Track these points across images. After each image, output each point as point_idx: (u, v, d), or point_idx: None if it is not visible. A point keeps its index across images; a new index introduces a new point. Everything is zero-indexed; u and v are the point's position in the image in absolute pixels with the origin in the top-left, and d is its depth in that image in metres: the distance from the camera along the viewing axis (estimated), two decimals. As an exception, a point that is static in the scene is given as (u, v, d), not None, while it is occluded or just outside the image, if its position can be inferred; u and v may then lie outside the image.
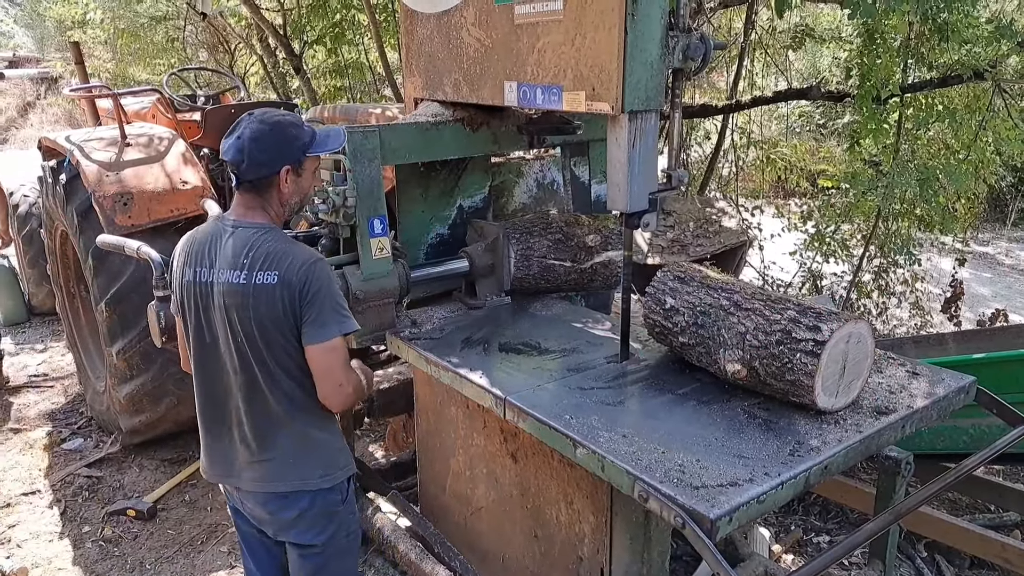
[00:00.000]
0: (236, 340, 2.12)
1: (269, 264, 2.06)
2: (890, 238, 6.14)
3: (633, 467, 1.92)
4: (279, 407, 2.17)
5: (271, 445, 2.20)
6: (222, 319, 2.12)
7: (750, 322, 2.21)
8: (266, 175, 2.11)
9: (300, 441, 2.21)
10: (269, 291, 2.05)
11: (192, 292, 2.16)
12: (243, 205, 2.16)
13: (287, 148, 2.12)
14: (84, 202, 4.06)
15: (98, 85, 6.22)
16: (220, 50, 10.73)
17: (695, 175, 8.60)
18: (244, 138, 2.07)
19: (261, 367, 2.13)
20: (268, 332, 2.09)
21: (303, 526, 2.26)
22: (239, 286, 2.06)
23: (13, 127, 16.24)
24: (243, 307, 2.07)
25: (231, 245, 2.10)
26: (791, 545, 3.69)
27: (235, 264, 2.08)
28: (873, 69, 5.28)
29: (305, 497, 2.23)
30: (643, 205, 2.32)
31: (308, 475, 2.22)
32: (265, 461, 2.21)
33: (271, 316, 2.07)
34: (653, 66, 2.20)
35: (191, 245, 2.20)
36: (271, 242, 2.10)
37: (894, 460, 2.61)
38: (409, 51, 3.12)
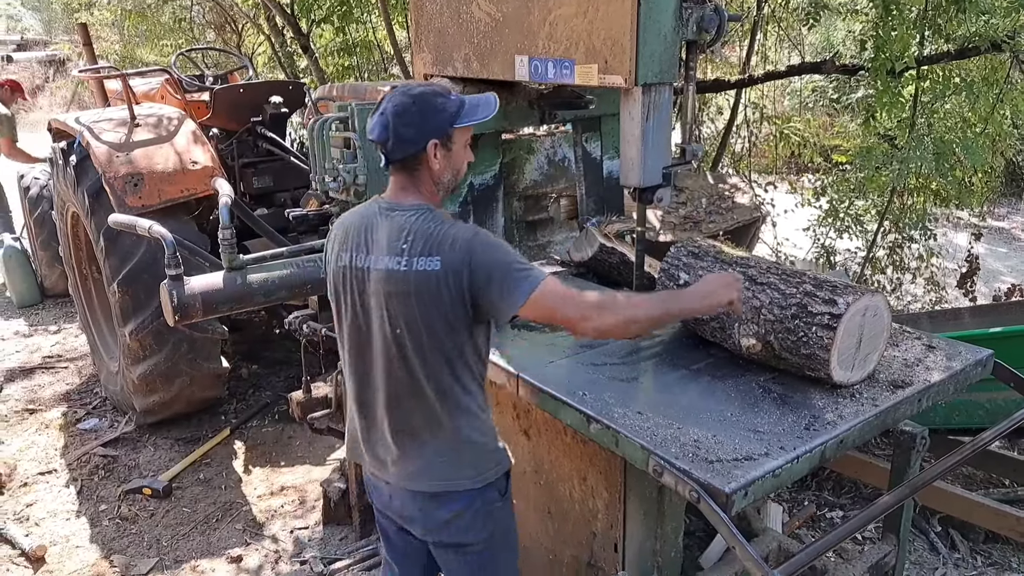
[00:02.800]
0: (394, 331, 1.96)
1: (429, 248, 1.90)
2: (905, 213, 6.07)
3: (648, 442, 1.92)
4: (434, 403, 2.01)
5: (422, 443, 2.05)
6: (378, 308, 1.97)
7: (765, 296, 2.20)
8: (413, 152, 1.95)
9: (452, 440, 2.04)
10: (431, 277, 1.89)
11: (347, 277, 2.02)
12: (396, 186, 2.02)
13: (433, 120, 1.94)
14: (95, 183, 4.06)
15: (107, 66, 6.21)
16: (227, 30, 10.67)
17: (707, 151, 8.52)
18: (387, 113, 1.92)
19: (419, 360, 1.97)
20: (431, 321, 1.93)
21: (460, 526, 2.10)
22: (398, 273, 1.91)
23: (22, 110, 16.23)
24: (403, 295, 1.92)
25: (387, 229, 1.96)
26: (804, 520, 3.68)
27: (393, 249, 1.93)
28: (888, 41, 5.19)
29: (460, 498, 2.07)
30: (657, 180, 2.30)
31: (458, 476, 2.06)
32: (415, 458, 2.06)
33: (435, 304, 1.91)
34: (667, 38, 2.17)
35: (346, 228, 2.06)
36: (428, 224, 1.93)
37: (909, 435, 2.59)
38: (418, 27, 3.09)
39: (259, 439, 4.58)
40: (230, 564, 3.53)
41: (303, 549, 3.61)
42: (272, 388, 5.13)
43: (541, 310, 1.90)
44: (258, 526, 3.80)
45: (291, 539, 3.69)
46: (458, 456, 2.05)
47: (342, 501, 3.65)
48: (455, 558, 2.17)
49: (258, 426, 4.72)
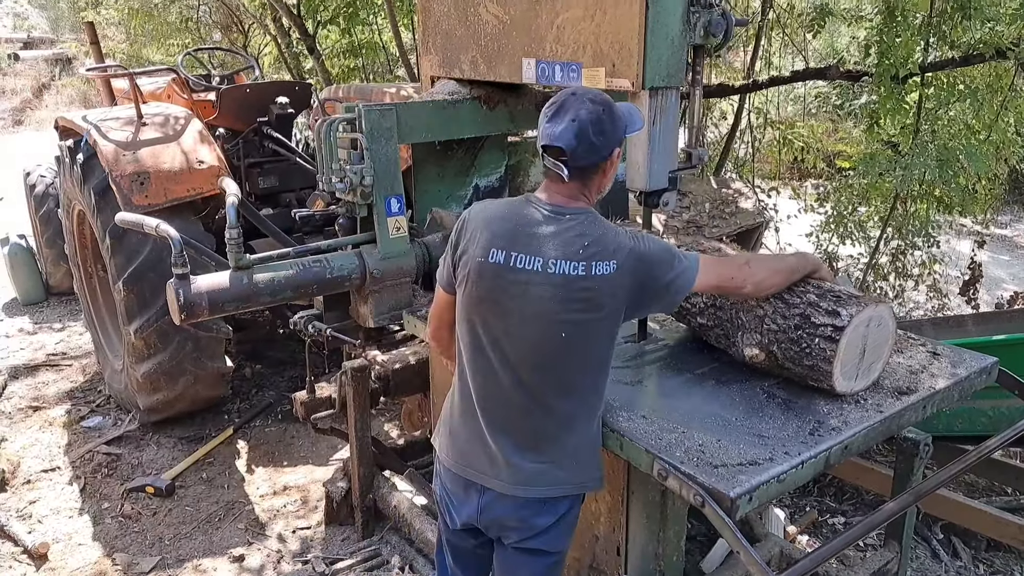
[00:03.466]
0: (558, 335, 1.91)
1: (605, 253, 1.88)
2: (908, 220, 6.08)
3: (652, 446, 1.92)
4: (573, 407, 1.98)
5: (552, 447, 1.99)
6: (542, 309, 1.90)
7: (769, 305, 2.20)
8: (596, 161, 1.91)
9: (585, 444, 2.02)
10: (607, 281, 1.87)
11: (498, 275, 1.94)
12: (561, 192, 1.95)
13: (619, 129, 1.93)
14: (101, 181, 4.07)
15: (114, 65, 6.23)
16: (234, 30, 10.71)
17: (711, 156, 8.53)
18: (581, 121, 1.85)
19: (575, 364, 1.94)
20: (599, 325, 1.92)
21: (555, 533, 2.06)
22: (578, 278, 1.87)
23: (28, 108, 16.30)
24: (582, 300, 1.88)
25: (563, 232, 1.91)
26: (806, 526, 3.68)
27: (571, 254, 1.88)
28: (892, 47, 5.20)
29: (563, 504, 2.04)
30: (663, 184, 2.31)
31: (580, 478, 2.03)
32: (540, 463, 1.99)
33: (608, 307, 1.90)
34: (674, 42, 2.18)
35: (497, 223, 1.98)
36: (600, 228, 1.92)
37: (912, 442, 2.60)
38: (426, 29, 3.10)
39: (262, 439, 4.59)
40: (232, 563, 3.54)
41: (305, 549, 3.61)
42: (275, 388, 5.14)
43: (709, 279, 2.05)
44: (260, 526, 3.80)
45: (294, 539, 3.69)
46: (586, 458, 2.03)
47: (345, 501, 3.65)
48: (532, 563, 2.10)
49: (261, 426, 4.73)
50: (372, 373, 3.31)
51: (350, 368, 3.21)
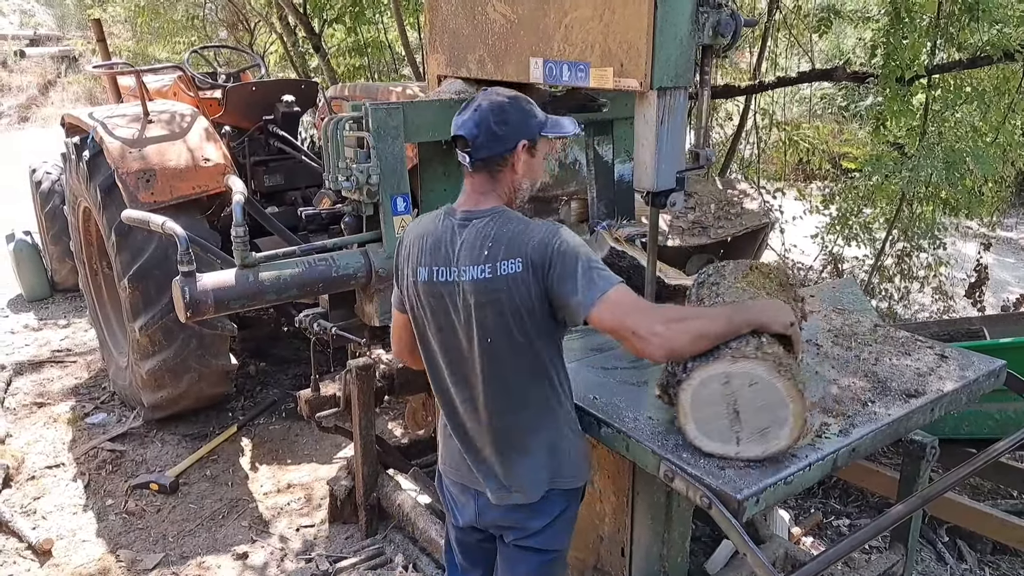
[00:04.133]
0: (485, 341, 1.91)
1: (510, 251, 1.85)
2: (914, 222, 6.06)
3: (659, 447, 1.92)
4: (535, 410, 1.98)
5: (526, 452, 2.00)
6: (467, 320, 1.92)
7: None
8: (501, 152, 1.91)
9: (555, 444, 2.01)
10: (517, 280, 1.85)
11: (427, 292, 1.97)
12: (473, 190, 1.97)
13: (525, 122, 1.93)
14: (107, 179, 4.07)
15: (120, 62, 6.24)
16: (240, 28, 10.71)
17: (716, 157, 8.52)
18: (482, 110, 1.89)
19: (514, 368, 1.94)
20: (523, 326, 1.89)
21: (551, 532, 2.07)
22: (485, 281, 1.87)
23: (34, 105, 16.34)
24: (493, 303, 1.88)
25: (468, 238, 1.91)
26: (811, 528, 3.67)
27: (477, 258, 1.88)
28: (899, 49, 5.19)
29: (558, 502, 2.04)
30: (670, 184, 2.30)
31: (560, 476, 2.03)
32: (520, 469, 2.01)
33: (524, 307, 1.87)
34: (683, 42, 2.17)
35: (422, 240, 1.99)
36: (507, 226, 1.89)
37: (919, 444, 2.59)
38: (433, 28, 3.10)
39: (266, 436, 4.59)
40: (236, 561, 3.54)
41: (309, 547, 3.61)
42: (280, 386, 5.14)
43: (611, 314, 1.80)
44: (264, 523, 3.80)
45: (297, 537, 3.69)
46: (562, 457, 2.03)
47: (348, 500, 3.65)
48: (525, 558, 2.11)
49: (265, 423, 4.73)
50: (377, 372, 3.30)
51: (355, 366, 3.21)
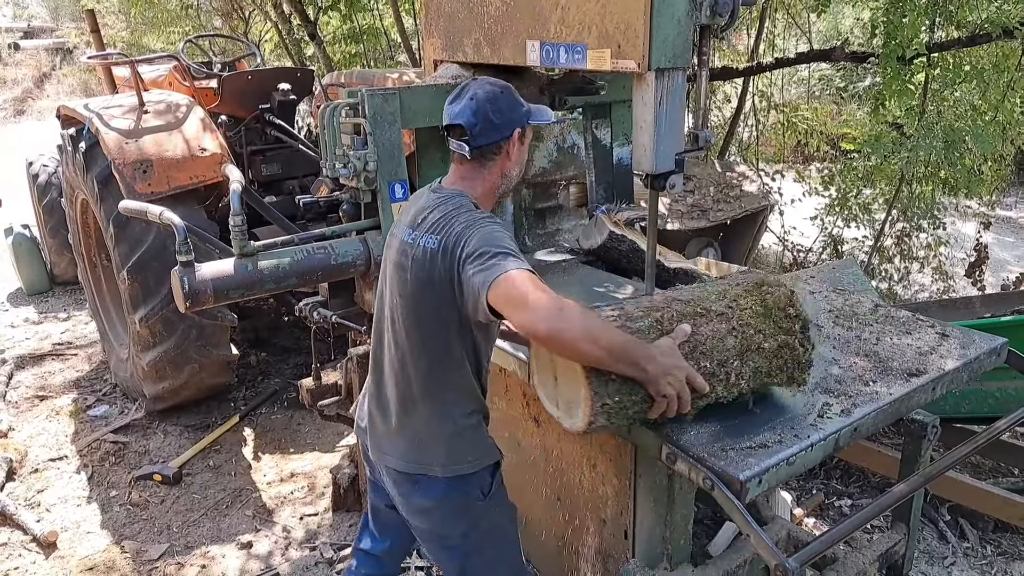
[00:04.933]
0: (394, 304, 2.05)
1: (436, 228, 1.93)
2: (913, 202, 6.04)
3: (660, 430, 1.91)
4: (417, 384, 2.05)
5: (406, 423, 2.09)
6: (391, 278, 2.07)
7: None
8: (498, 140, 1.98)
9: (427, 424, 2.07)
10: (428, 256, 1.92)
11: (390, 253, 2.11)
12: (458, 174, 2.05)
13: (518, 111, 2.01)
14: (104, 170, 4.06)
15: (115, 53, 6.20)
16: (234, 17, 10.63)
17: (715, 139, 8.49)
18: (478, 99, 1.94)
19: (410, 338, 2.02)
20: (423, 298, 1.97)
21: (435, 516, 2.14)
22: (405, 244, 2.00)
23: (30, 98, 16.27)
24: (402, 268, 2.00)
25: (417, 205, 2.05)
26: (813, 509, 3.69)
27: (412, 223, 2.01)
28: (898, 28, 5.16)
29: (435, 487, 2.09)
30: (669, 166, 2.29)
31: (429, 460, 2.08)
32: (398, 435, 2.12)
33: (429, 281, 1.94)
34: (680, 22, 2.15)
35: (408, 207, 2.14)
36: (450, 207, 1.96)
37: (920, 423, 2.59)
38: (428, 12, 3.07)
39: (268, 426, 4.60)
40: (240, 550, 3.55)
41: (313, 536, 3.63)
42: (281, 375, 5.15)
43: (506, 297, 1.76)
44: (268, 512, 3.81)
45: (301, 525, 3.71)
46: (432, 441, 2.07)
47: (352, 487, 3.66)
48: (434, 544, 2.23)
49: (267, 413, 4.74)
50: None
51: (355, 355, 3.21)
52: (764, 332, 1.93)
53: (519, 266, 1.78)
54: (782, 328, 1.95)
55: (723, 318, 1.90)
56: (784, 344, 1.94)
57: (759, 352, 1.91)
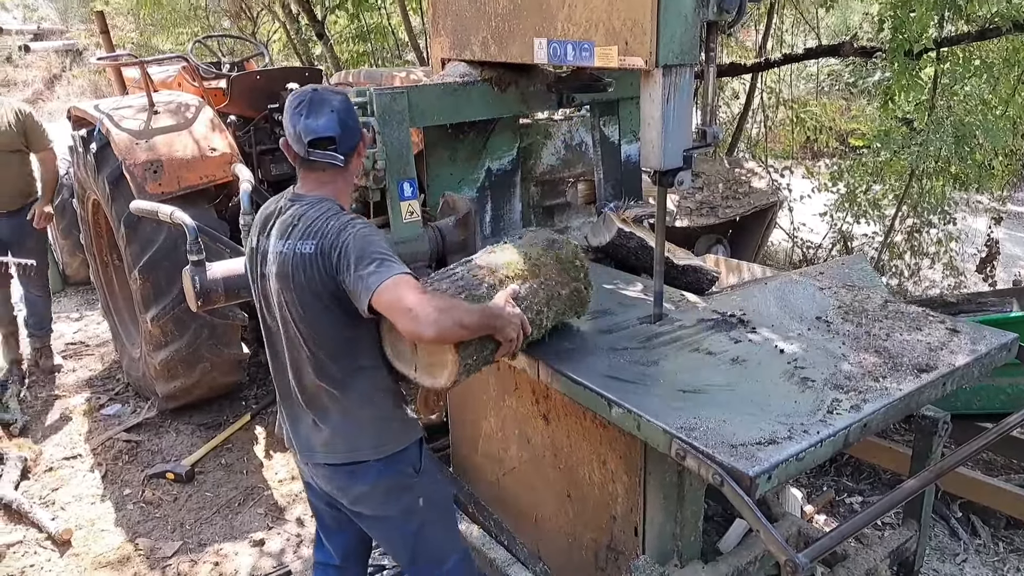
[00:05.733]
0: (282, 311, 2.12)
1: (309, 234, 2.02)
2: (924, 197, 6.02)
3: (669, 425, 1.92)
4: (328, 380, 2.13)
5: (322, 419, 2.18)
6: (274, 290, 2.12)
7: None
8: (355, 144, 2.12)
9: (348, 414, 2.17)
10: (307, 261, 2.01)
11: (252, 260, 2.19)
12: (314, 180, 2.14)
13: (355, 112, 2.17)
14: (115, 170, 4.08)
15: (125, 54, 6.23)
16: (243, 17, 10.67)
17: (723, 135, 8.46)
18: (338, 109, 2.05)
19: (303, 341, 2.11)
20: (306, 304, 2.06)
21: (375, 499, 2.24)
22: (281, 255, 2.06)
23: (40, 99, 16.34)
24: (284, 277, 2.06)
25: (286, 217, 2.10)
26: (823, 506, 3.68)
27: (283, 234, 2.07)
28: (907, 22, 5.13)
29: (368, 472, 2.19)
30: (677, 162, 2.29)
31: (358, 447, 2.19)
32: (323, 433, 2.19)
33: (309, 287, 2.03)
34: (687, 19, 2.15)
35: (260, 215, 2.23)
36: (317, 213, 2.05)
37: (931, 420, 2.58)
38: (436, 10, 3.08)
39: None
40: (253, 548, 3.57)
41: (324, 533, 3.64)
42: (291, 374, 5.16)
43: (391, 295, 1.91)
44: (280, 510, 3.84)
45: (312, 523, 3.72)
46: (357, 429, 2.18)
47: (362, 485, 3.68)
48: (379, 529, 2.32)
49: (278, 411, 4.76)
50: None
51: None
52: (561, 282, 2.34)
53: (398, 271, 1.95)
54: (571, 276, 2.38)
55: (533, 275, 2.29)
56: (575, 290, 2.38)
57: (558, 298, 2.32)
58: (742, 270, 3.68)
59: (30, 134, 4.76)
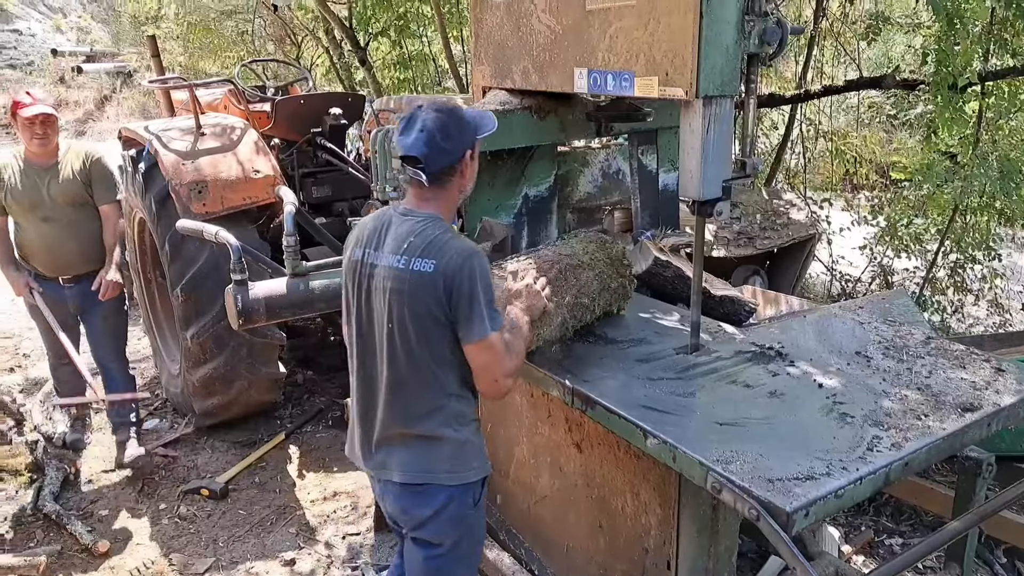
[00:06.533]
0: (389, 325, 2.13)
1: (428, 252, 2.07)
2: (968, 232, 5.91)
3: (706, 458, 1.90)
4: (422, 397, 2.16)
5: (410, 435, 2.19)
6: (380, 303, 2.14)
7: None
8: (450, 164, 2.12)
9: (434, 436, 2.19)
10: (425, 279, 2.06)
11: (356, 272, 2.20)
12: (418, 197, 2.18)
13: (466, 132, 2.15)
14: (162, 190, 4.18)
15: (175, 77, 6.41)
16: (287, 43, 10.94)
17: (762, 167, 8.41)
18: (428, 130, 2.07)
19: (408, 355, 2.13)
20: (420, 320, 2.09)
21: (436, 524, 2.24)
22: (398, 271, 2.09)
23: (91, 119, 16.84)
24: (399, 292, 2.09)
25: (398, 230, 2.14)
26: (862, 546, 3.59)
27: (397, 249, 2.10)
28: (950, 55, 5.08)
29: (439, 495, 2.20)
30: (716, 193, 2.29)
31: (437, 469, 2.20)
32: (402, 450, 2.21)
33: (424, 304, 2.07)
34: (729, 51, 2.16)
35: (363, 228, 2.25)
36: (434, 231, 2.10)
37: (975, 461, 2.52)
38: (478, 39, 3.13)
39: (313, 444, 4.65)
40: (283, 567, 3.59)
41: (355, 555, 3.65)
42: (326, 394, 5.21)
43: (487, 356, 2.09)
44: (311, 530, 3.85)
45: (343, 545, 3.73)
46: (439, 450, 2.19)
47: (392, 508, 3.68)
48: (420, 554, 2.29)
49: (312, 431, 4.80)
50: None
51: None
52: (610, 275, 2.67)
53: (497, 328, 2.09)
54: (619, 272, 2.72)
55: (589, 267, 2.62)
56: (621, 284, 2.72)
57: (608, 289, 2.66)
58: (780, 302, 3.64)
59: (95, 183, 4.03)
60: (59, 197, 3.92)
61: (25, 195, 3.88)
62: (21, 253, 4.07)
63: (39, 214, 3.92)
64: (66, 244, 4.00)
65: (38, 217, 3.92)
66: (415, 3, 8.62)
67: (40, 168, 3.90)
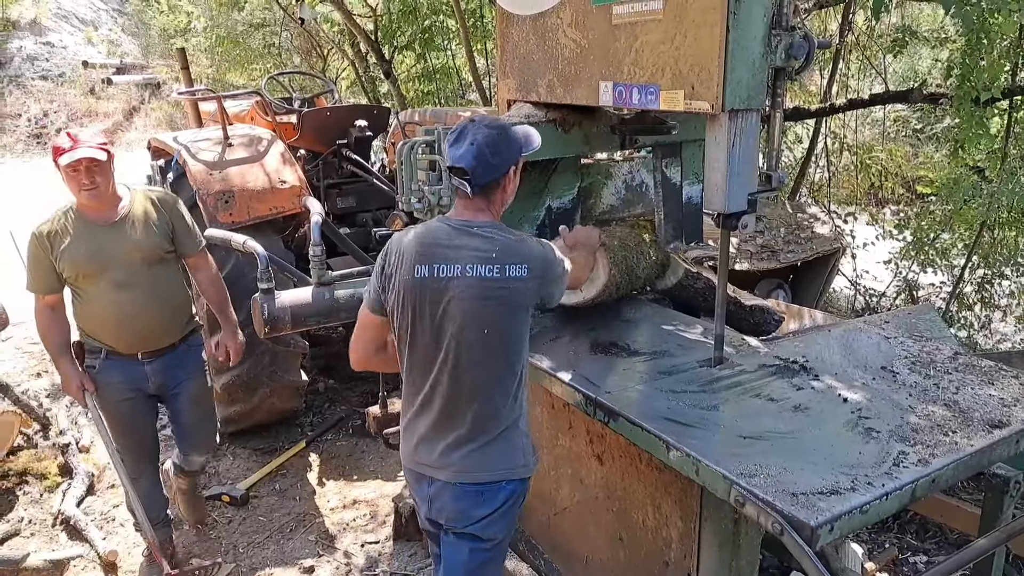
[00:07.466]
0: (467, 332, 2.17)
1: (517, 257, 2.17)
2: (995, 248, 5.84)
3: (729, 471, 1.89)
4: (491, 400, 2.22)
5: (481, 436, 2.23)
6: (460, 312, 2.16)
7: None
8: (496, 178, 2.20)
9: (510, 432, 2.27)
10: (520, 282, 2.16)
11: (425, 288, 2.19)
12: (468, 208, 2.24)
13: (513, 148, 2.23)
14: (189, 199, 4.21)
15: (203, 88, 6.51)
16: (313, 55, 11.07)
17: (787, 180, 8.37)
18: (479, 144, 2.14)
19: (485, 359, 2.19)
20: (512, 322, 2.20)
21: (491, 521, 2.28)
22: (492, 279, 2.14)
23: (120, 130, 17.11)
24: (496, 299, 2.16)
25: (468, 242, 2.18)
26: (886, 564, 3.54)
27: (485, 258, 2.15)
28: (976, 70, 5.04)
29: (501, 491, 2.26)
30: (741, 206, 2.29)
31: (513, 463, 2.28)
32: (476, 453, 2.24)
33: (519, 305, 2.19)
34: (755, 64, 2.17)
35: (410, 245, 2.24)
36: (510, 236, 2.22)
37: (1003, 478, 2.48)
38: (504, 53, 3.15)
39: (333, 452, 4.68)
40: (303, 574, 3.60)
41: (373, 563, 3.66)
42: (347, 402, 5.24)
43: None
44: (330, 538, 3.87)
45: (362, 553, 3.75)
46: (508, 448, 2.27)
47: (413, 517, 3.68)
48: (466, 547, 2.31)
49: (333, 439, 4.82)
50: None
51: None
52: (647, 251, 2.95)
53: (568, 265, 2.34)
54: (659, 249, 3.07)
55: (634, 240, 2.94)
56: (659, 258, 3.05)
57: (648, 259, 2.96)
58: (803, 316, 3.61)
59: (179, 233, 3.24)
60: (136, 256, 3.12)
61: (92, 260, 3.06)
62: (87, 328, 3.24)
63: (111, 280, 3.09)
64: (146, 312, 3.16)
65: (111, 284, 3.10)
66: (440, 17, 8.70)
67: (103, 225, 3.10)
